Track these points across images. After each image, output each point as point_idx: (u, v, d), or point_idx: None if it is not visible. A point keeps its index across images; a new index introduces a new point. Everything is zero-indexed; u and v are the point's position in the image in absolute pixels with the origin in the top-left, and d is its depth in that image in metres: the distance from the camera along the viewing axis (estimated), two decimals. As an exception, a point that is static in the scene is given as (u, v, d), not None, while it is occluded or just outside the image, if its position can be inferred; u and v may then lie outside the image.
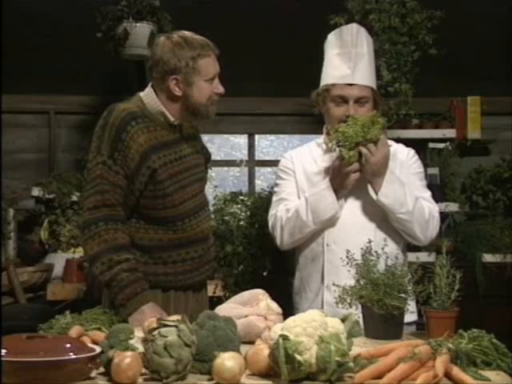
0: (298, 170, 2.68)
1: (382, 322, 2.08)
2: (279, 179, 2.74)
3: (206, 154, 2.78)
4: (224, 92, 2.51)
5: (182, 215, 2.51)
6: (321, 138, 2.72)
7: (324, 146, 2.68)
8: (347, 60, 2.58)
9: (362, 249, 2.21)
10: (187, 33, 2.51)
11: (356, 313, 2.10)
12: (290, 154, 2.76)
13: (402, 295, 2.09)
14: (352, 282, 2.16)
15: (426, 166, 4.59)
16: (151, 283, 2.47)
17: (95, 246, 2.37)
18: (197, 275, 2.58)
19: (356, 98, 2.57)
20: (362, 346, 1.93)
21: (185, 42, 2.46)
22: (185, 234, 2.52)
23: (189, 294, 2.59)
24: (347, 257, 2.21)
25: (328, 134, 2.65)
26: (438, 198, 4.45)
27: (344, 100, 2.58)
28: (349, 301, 2.14)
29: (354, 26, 2.66)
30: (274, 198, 2.73)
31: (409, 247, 2.81)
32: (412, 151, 2.74)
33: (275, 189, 2.76)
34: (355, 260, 2.20)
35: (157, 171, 2.44)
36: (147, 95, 2.52)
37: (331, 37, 2.67)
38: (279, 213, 2.64)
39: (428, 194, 2.69)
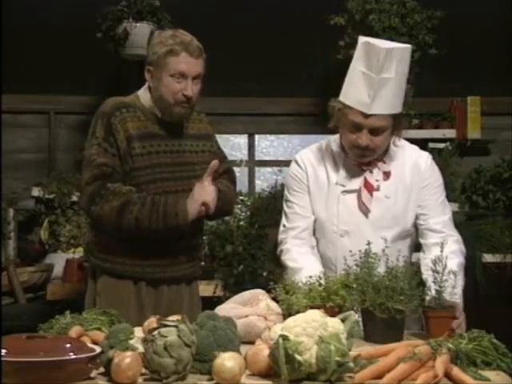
0: (311, 181, 2.58)
1: (383, 326, 2.06)
2: (292, 190, 2.61)
3: (221, 155, 2.82)
4: (191, 95, 2.53)
5: None
6: (336, 145, 2.59)
7: (337, 158, 2.58)
8: (369, 85, 2.37)
9: (359, 251, 2.20)
10: (180, 31, 2.57)
11: (357, 315, 2.10)
12: (303, 162, 2.61)
13: (405, 298, 2.08)
14: None
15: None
16: (118, 272, 2.58)
17: (116, 202, 2.47)
18: (169, 271, 2.61)
19: (370, 128, 2.41)
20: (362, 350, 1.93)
21: (166, 37, 2.55)
22: None
23: (163, 289, 2.63)
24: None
25: (343, 147, 2.55)
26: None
27: (358, 127, 2.42)
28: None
29: (382, 49, 2.35)
30: (288, 210, 2.61)
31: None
32: (430, 159, 2.62)
33: (289, 196, 2.62)
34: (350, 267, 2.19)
35: (133, 158, 2.53)
36: (143, 91, 2.64)
37: (361, 45, 2.42)
38: (288, 246, 2.56)
39: (447, 216, 2.58)
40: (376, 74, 2.36)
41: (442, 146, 4.65)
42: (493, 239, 4.28)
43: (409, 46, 2.48)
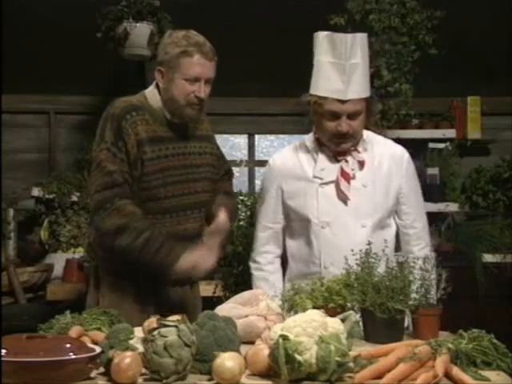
0: (286, 180, 2.64)
1: (383, 326, 2.06)
2: (266, 191, 2.69)
3: (224, 166, 2.84)
4: (204, 97, 2.51)
5: (166, 210, 2.54)
6: (310, 142, 2.66)
7: (313, 152, 2.64)
8: (341, 73, 2.48)
9: (360, 250, 2.20)
10: (192, 32, 2.53)
11: (357, 315, 2.10)
12: (276, 167, 2.69)
13: (405, 298, 2.08)
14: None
15: (426, 166, 4.61)
16: (124, 273, 2.54)
17: (117, 220, 2.42)
18: (174, 273, 2.58)
19: (348, 113, 2.50)
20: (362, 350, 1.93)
21: (178, 38, 2.51)
22: (164, 229, 2.53)
23: (168, 289, 2.60)
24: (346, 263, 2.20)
25: (318, 140, 2.62)
26: (437, 198, 4.49)
27: (336, 115, 2.50)
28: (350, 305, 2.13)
29: (348, 37, 2.51)
30: (261, 208, 2.70)
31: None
32: (406, 155, 2.67)
33: (265, 193, 2.70)
34: (351, 267, 2.20)
35: (144, 163, 2.49)
36: (151, 91, 2.59)
37: (323, 39, 2.53)
38: (260, 257, 2.70)
39: (423, 207, 2.69)
40: (346, 61, 2.49)
41: (442, 146, 4.66)
42: (493, 239, 4.29)
43: (366, 34, 2.61)
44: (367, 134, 2.64)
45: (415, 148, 4.54)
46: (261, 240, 2.70)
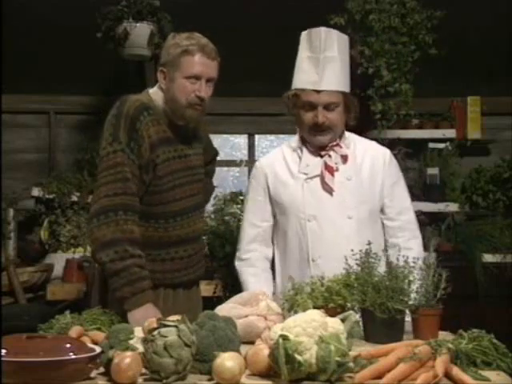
0: (272, 181, 2.68)
1: (383, 326, 2.06)
2: (255, 190, 2.72)
3: (212, 152, 2.83)
4: (204, 97, 2.48)
5: (175, 213, 2.53)
6: (295, 141, 2.71)
7: (298, 150, 2.68)
8: (315, 65, 2.57)
9: (360, 250, 2.20)
10: (196, 34, 2.52)
11: (357, 315, 2.10)
12: (262, 167, 2.73)
13: (405, 298, 2.08)
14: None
15: (426, 166, 4.61)
16: None
17: (110, 233, 2.34)
18: (185, 274, 2.59)
19: (324, 104, 2.56)
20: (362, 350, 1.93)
21: (181, 39, 2.49)
22: (175, 232, 2.53)
23: (179, 292, 2.60)
24: (346, 263, 2.21)
25: (302, 138, 2.66)
26: (437, 198, 4.49)
27: (312, 106, 2.57)
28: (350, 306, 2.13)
29: (322, 30, 2.61)
30: (248, 207, 2.73)
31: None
32: (388, 153, 2.72)
33: (252, 193, 2.72)
34: (350, 267, 2.20)
35: (157, 166, 2.47)
36: (155, 92, 2.56)
37: (304, 37, 2.65)
38: (248, 255, 2.71)
39: (408, 202, 2.71)
40: (320, 54, 2.58)
41: (442, 146, 4.66)
42: (493, 239, 4.29)
43: (346, 36, 2.70)
44: (349, 134, 2.70)
45: (415, 148, 4.58)
46: (247, 237, 2.70)
